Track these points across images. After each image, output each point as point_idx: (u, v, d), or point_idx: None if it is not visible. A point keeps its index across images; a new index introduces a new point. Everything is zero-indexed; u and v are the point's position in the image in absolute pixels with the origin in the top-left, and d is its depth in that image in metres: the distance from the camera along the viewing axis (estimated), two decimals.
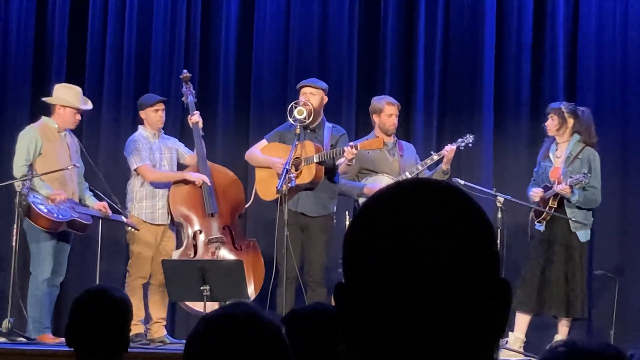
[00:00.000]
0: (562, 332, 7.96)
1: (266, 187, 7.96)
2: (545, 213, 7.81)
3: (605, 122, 9.39)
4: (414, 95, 9.62)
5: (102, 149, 9.70)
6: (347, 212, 8.14)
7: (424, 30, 9.67)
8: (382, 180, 7.90)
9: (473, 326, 1.28)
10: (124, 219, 8.05)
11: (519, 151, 9.33)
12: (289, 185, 7.61)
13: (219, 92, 9.74)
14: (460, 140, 8.09)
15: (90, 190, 8.22)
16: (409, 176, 7.88)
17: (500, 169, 9.45)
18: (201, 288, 6.96)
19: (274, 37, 9.85)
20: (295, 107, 7.85)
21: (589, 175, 7.80)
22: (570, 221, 7.84)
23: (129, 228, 8.08)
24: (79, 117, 8.15)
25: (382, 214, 1.31)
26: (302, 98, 7.96)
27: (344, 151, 7.65)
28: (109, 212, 8.02)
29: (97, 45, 9.93)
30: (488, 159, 9.44)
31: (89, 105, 8.28)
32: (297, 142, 7.72)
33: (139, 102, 8.46)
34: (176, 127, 9.16)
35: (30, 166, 7.83)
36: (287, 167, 7.59)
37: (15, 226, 7.76)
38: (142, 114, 8.32)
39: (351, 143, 7.75)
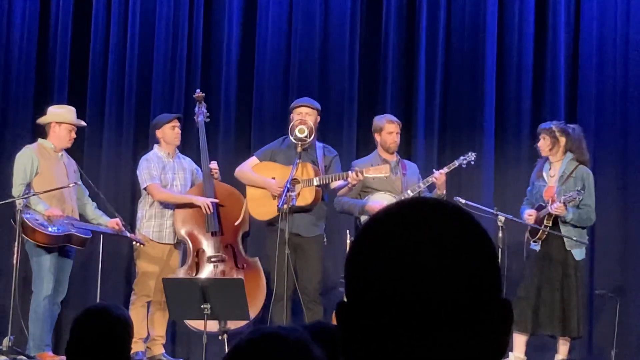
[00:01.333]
0: (562, 351, 7.94)
1: (260, 207, 7.95)
2: (540, 232, 7.81)
3: (605, 141, 9.41)
4: (415, 114, 9.64)
5: (103, 168, 9.71)
6: (347, 230, 8.14)
7: (424, 48, 9.69)
8: (384, 199, 7.90)
9: (475, 346, 1.28)
10: (128, 234, 8.07)
11: (519, 170, 9.32)
12: (290, 204, 7.61)
13: (220, 110, 9.75)
14: (462, 157, 8.12)
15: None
16: (411, 194, 7.89)
17: (501, 188, 9.45)
18: (202, 306, 6.94)
19: (275, 55, 9.87)
20: (297, 126, 7.85)
21: (582, 192, 7.78)
22: (565, 240, 7.83)
23: (135, 243, 8.10)
24: (74, 134, 8.16)
25: (385, 232, 1.31)
26: (297, 117, 7.97)
27: (347, 175, 7.68)
28: (122, 228, 8.06)
29: (99, 65, 9.95)
30: (489, 178, 9.44)
31: (82, 123, 8.33)
32: (298, 161, 7.73)
33: (153, 122, 8.51)
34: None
35: (29, 185, 7.85)
36: (288, 185, 7.60)
37: (15, 244, 7.77)
38: (158, 132, 8.34)
39: (356, 168, 7.75)
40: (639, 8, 9.53)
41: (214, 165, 8.28)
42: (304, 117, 7.95)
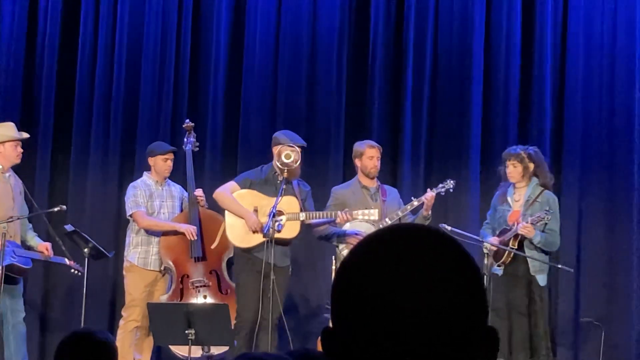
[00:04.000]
0: None
1: (241, 235, 7.91)
2: (505, 256, 7.70)
3: (591, 170, 9.44)
4: (402, 140, 9.65)
5: (89, 192, 9.68)
6: (333, 256, 8.13)
7: (411, 74, 9.71)
8: (362, 227, 7.90)
9: None
10: (66, 261, 7.99)
11: None
12: (277, 229, 7.60)
13: (207, 136, 9.74)
14: (440, 185, 8.09)
15: (75, 230, 8.15)
16: (389, 222, 7.88)
17: (487, 214, 9.45)
18: (186, 332, 6.91)
19: (262, 82, 9.88)
20: (284, 151, 7.85)
21: (550, 211, 7.70)
22: (530, 264, 7.75)
23: (73, 271, 8.03)
24: (20, 149, 8.06)
25: (370, 260, 1.31)
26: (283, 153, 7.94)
27: (335, 214, 7.69)
28: (51, 253, 7.98)
29: (86, 90, 9.93)
30: (474, 204, 9.45)
31: (25, 135, 8.21)
32: (284, 186, 7.71)
33: (149, 148, 8.48)
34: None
35: None
36: (274, 211, 7.58)
37: None
38: (150, 160, 8.34)
39: (346, 209, 7.75)
40: (625, 30, 9.57)
41: (199, 192, 8.29)
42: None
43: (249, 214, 7.83)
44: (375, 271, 1.29)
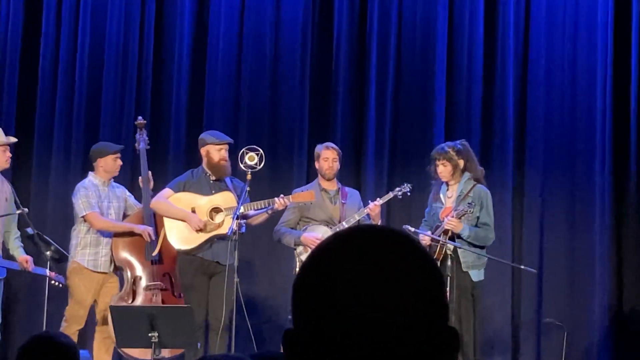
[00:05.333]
0: None
1: (182, 237, 7.90)
2: (437, 252, 7.57)
3: (553, 169, 9.50)
4: (365, 140, 9.67)
5: (51, 196, 9.62)
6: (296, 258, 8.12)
7: (375, 75, 9.73)
8: (319, 230, 7.91)
9: None
10: (48, 273, 7.90)
11: None
12: (240, 231, 7.60)
13: (170, 136, 9.72)
14: (397, 189, 8.07)
15: (37, 233, 8.08)
16: (345, 225, 7.85)
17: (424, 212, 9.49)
18: (149, 334, 6.88)
19: (225, 83, 9.86)
20: (247, 153, 7.85)
21: (473, 204, 7.59)
22: (462, 260, 7.59)
23: (54, 282, 7.96)
24: (9, 153, 8.00)
25: (331, 264, 1.30)
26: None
27: (273, 202, 7.68)
28: (31, 266, 7.89)
29: (48, 93, 9.87)
30: None
31: (13, 139, 8.16)
32: (247, 189, 7.71)
33: (97, 149, 8.31)
34: (126, 173, 9.10)
35: None
36: (237, 213, 7.57)
37: None
38: (100, 161, 8.18)
39: (282, 195, 7.77)
40: (586, 28, 9.64)
41: (149, 175, 8.22)
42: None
43: (189, 214, 7.86)
44: (336, 272, 1.29)
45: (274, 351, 2.78)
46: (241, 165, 7.83)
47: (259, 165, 7.82)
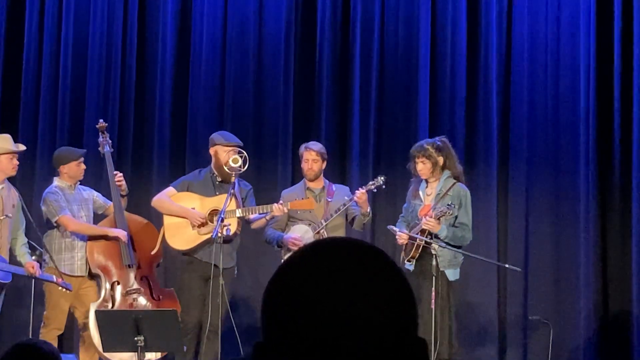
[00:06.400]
0: None
1: (178, 236, 7.92)
2: (413, 251, 7.55)
3: (537, 169, 9.52)
4: (350, 138, 9.69)
5: (36, 200, 9.58)
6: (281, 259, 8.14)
7: (359, 73, 9.75)
8: (299, 230, 7.94)
9: None
10: (55, 278, 7.87)
11: None
12: (225, 233, 7.59)
13: (154, 138, 9.72)
14: (370, 183, 8.05)
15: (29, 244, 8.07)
16: (324, 224, 7.90)
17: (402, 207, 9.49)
18: (135, 339, 6.87)
19: (209, 84, 9.86)
20: (232, 156, 7.85)
21: (453, 206, 7.51)
22: (439, 259, 7.50)
23: (61, 289, 7.92)
24: (16, 161, 7.99)
25: (300, 277, 1.31)
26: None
27: (271, 208, 7.68)
28: (38, 272, 7.87)
29: (31, 96, 9.86)
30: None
31: (22, 147, 8.15)
32: (232, 191, 7.71)
33: (60, 155, 8.23)
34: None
35: None
36: (222, 215, 7.57)
37: None
38: (63, 167, 8.10)
39: (281, 200, 7.77)
40: (569, 24, 9.67)
41: (118, 176, 8.14)
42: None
43: (189, 210, 7.87)
44: (305, 285, 1.30)
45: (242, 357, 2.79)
46: (225, 168, 7.84)
47: (243, 167, 7.82)
